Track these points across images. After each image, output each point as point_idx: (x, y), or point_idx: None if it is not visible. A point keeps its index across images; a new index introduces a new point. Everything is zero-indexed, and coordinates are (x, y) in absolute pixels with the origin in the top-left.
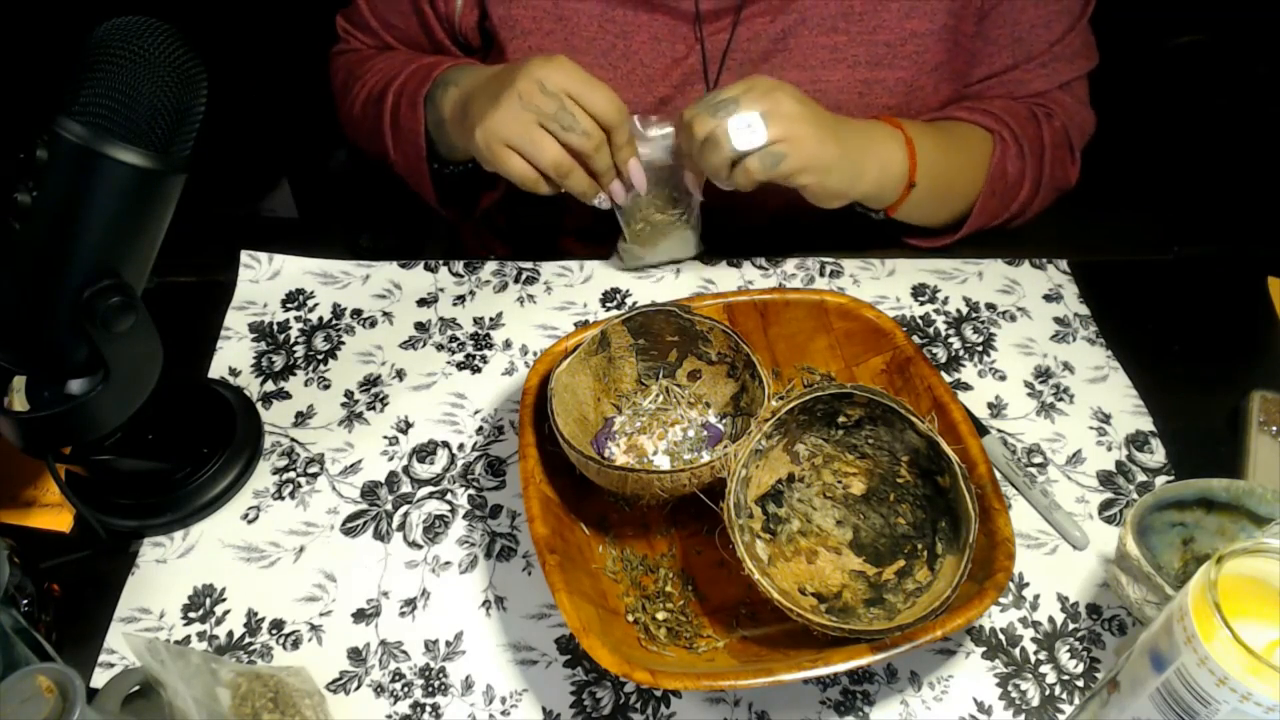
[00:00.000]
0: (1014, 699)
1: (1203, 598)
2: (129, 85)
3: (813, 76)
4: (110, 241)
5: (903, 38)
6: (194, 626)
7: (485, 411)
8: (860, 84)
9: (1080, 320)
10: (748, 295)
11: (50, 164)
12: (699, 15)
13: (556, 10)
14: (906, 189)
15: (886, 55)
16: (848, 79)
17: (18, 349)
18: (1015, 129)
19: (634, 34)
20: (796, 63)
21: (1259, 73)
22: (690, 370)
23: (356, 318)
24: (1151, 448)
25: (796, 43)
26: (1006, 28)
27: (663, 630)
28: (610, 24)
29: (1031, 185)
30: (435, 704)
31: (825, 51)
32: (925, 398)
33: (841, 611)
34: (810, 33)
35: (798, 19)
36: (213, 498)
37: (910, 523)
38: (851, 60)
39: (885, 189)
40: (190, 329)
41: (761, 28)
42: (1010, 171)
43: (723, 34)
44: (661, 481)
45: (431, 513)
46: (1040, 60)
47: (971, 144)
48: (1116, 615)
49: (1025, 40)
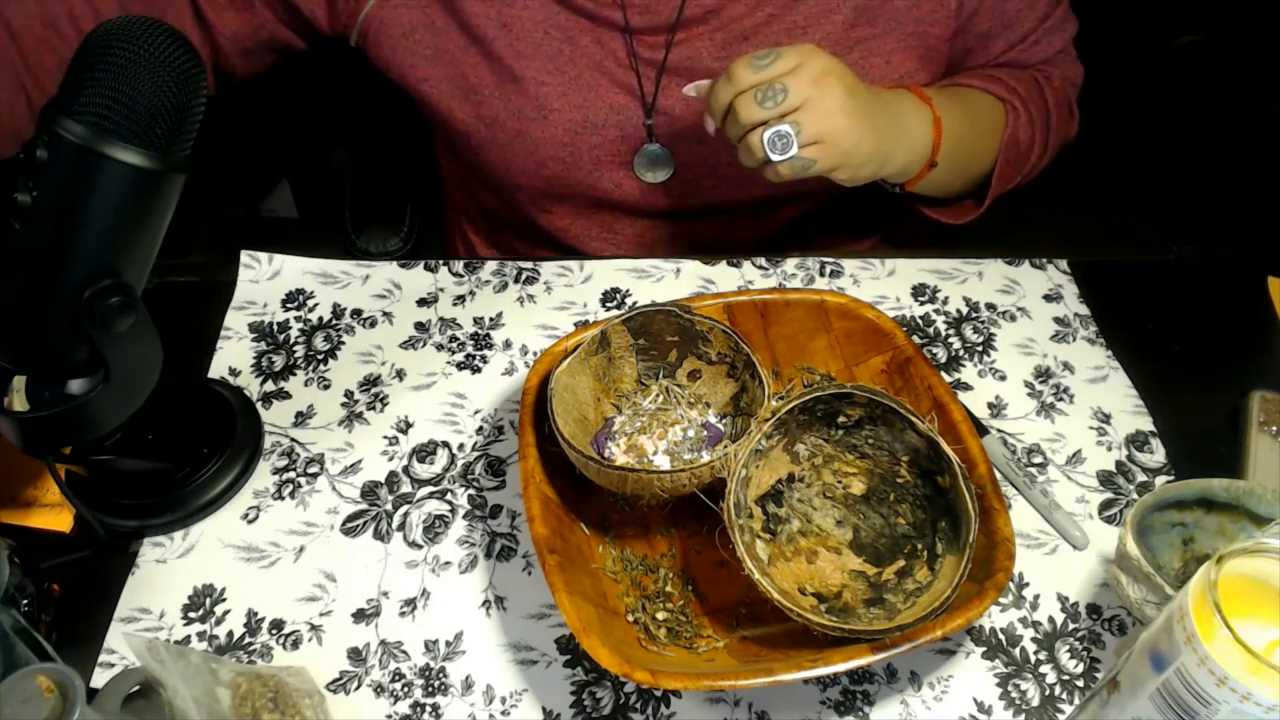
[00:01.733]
0: (1014, 699)
1: (1203, 598)
2: (129, 85)
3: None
4: (110, 241)
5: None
6: (194, 626)
7: (485, 411)
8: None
9: (1080, 320)
10: (748, 295)
11: (50, 164)
12: (629, 28)
13: (500, 16)
14: (928, 167)
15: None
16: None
17: (18, 349)
18: (1024, 95)
19: (578, 38)
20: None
21: (1259, 72)
22: (690, 370)
23: (356, 318)
24: (1151, 448)
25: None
26: (996, 19)
27: (663, 630)
28: (555, 29)
29: (1040, 148)
30: (435, 704)
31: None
32: (925, 398)
33: (841, 611)
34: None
35: (738, 36)
36: (213, 498)
37: (910, 523)
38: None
39: (910, 169)
40: (190, 329)
41: (702, 46)
42: (1022, 140)
43: (658, 50)
44: (661, 481)
45: (431, 513)
46: (1034, 38)
47: (988, 115)
48: (1116, 615)
49: (1016, 24)
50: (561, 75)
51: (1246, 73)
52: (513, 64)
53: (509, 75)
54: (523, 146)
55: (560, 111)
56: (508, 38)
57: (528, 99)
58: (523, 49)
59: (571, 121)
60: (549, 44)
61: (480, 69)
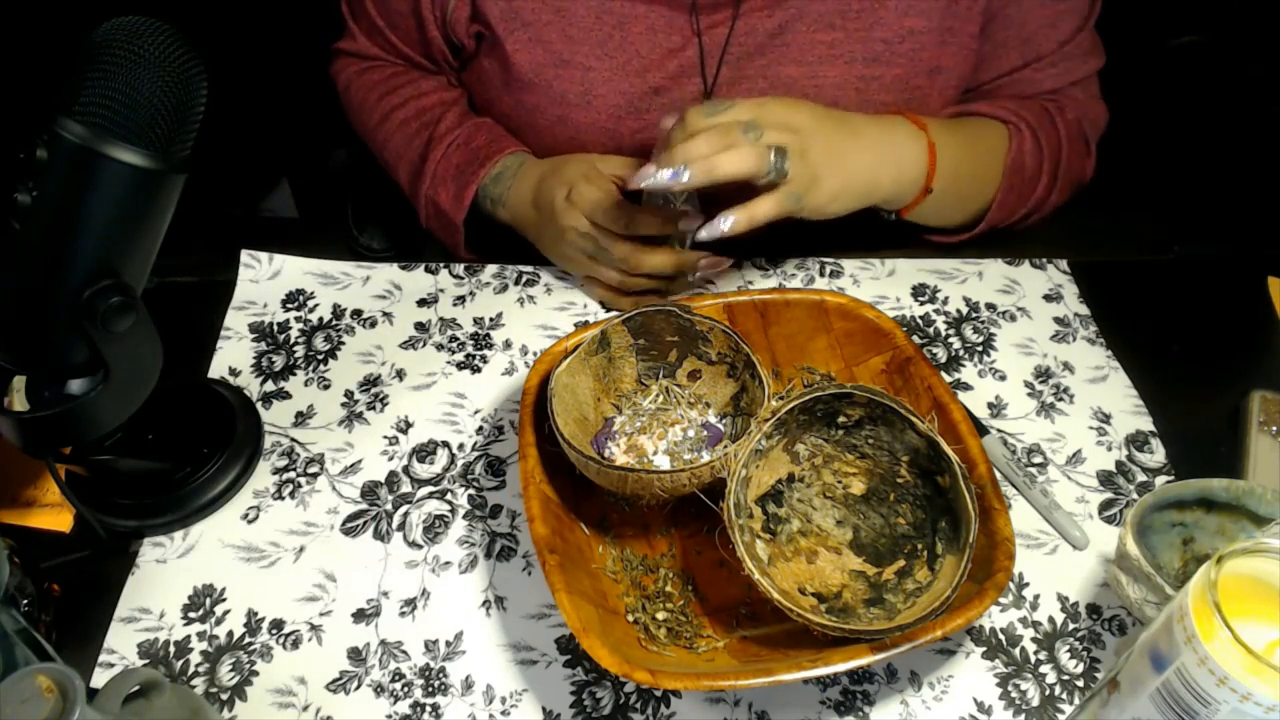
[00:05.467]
0: (1014, 699)
1: (1203, 598)
2: (129, 85)
3: (809, 72)
4: (110, 241)
5: (900, 35)
6: (194, 626)
7: (485, 411)
8: (857, 80)
9: (1080, 320)
10: (748, 295)
11: (50, 164)
12: (695, 7)
13: (555, 2)
14: (923, 193)
15: (884, 52)
16: (844, 75)
17: (18, 349)
18: (1031, 121)
19: (631, 24)
20: (793, 58)
21: (1250, 72)
22: (690, 370)
23: (356, 318)
24: (1151, 448)
25: (793, 38)
26: (1014, 29)
27: (663, 630)
28: (607, 15)
29: (1049, 178)
30: (435, 704)
31: (822, 47)
32: (925, 398)
33: (841, 611)
34: (807, 28)
35: (795, 14)
36: (213, 498)
37: (910, 523)
38: (848, 56)
39: (900, 194)
40: (190, 329)
41: (758, 22)
42: (1028, 165)
43: (720, 27)
44: (661, 481)
45: (431, 513)
46: (1050, 60)
47: (990, 142)
48: (1116, 615)
49: (1034, 40)
50: (610, 60)
51: (1247, 73)
52: (562, 49)
53: (557, 59)
54: (564, 131)
55: (605, 97)
56: (561, 23)
57: (573, 84)
58: (574, 34)
59: (616, 106)
60: (599, 29)
61: (520, 54)
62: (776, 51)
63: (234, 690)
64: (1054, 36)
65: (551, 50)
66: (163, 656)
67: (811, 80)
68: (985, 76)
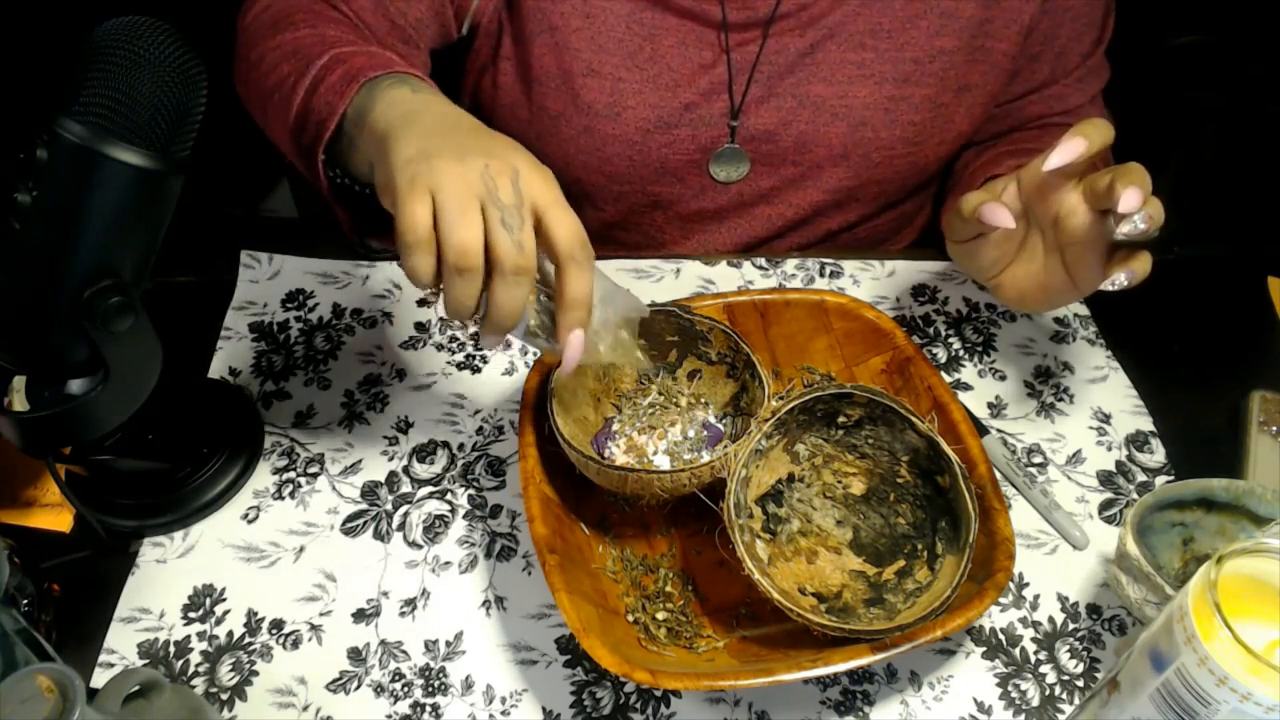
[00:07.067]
0: (1014, 699)
1: (1203, 598)
2: (129, 85)
3: (839, 92)
4: (110, 241)
5: (930, 54)
6: (194, 626)
7: (485, 411)
8: (886, 100)
9: (1080, 320)
10: (748, 295)
11: (50, 164)
12: (725, 24)
13: (585, 7)
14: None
15: (914, 72)
16: (874, 95)
17: (18, 349)
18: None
19: (661, 37)
20: (823, 77)
21: (1250, 72)
22: (690, 370)
23: (356, 318)
24: (1151, 448)
25: (824, 57)
26: (1047, 43)
27: (663, 630)
28: (638, 25)
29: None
30: (435, 704)
31: (852, 67)
32: (925, 398)
33: (841, 611)
34: (838, 48)
35: (826, 34)
36: (213, 498)
37: (910, 523)
38: (879, 77)
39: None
40: (190, 329)
41: (789, 41)
42: None
43: (750, 45)
44: (661, 481)
45: (431, 513)
46: (1076, 75)
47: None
48: (1116, 615)
49: (1064, 54)
50: (641, 73)
51: (1247, 73)
52: (591, 57)
53: (586, 68)
54: (589, 142)
55: (635, 110)
56: (590, 29)
57: (602, 94)
58: (604, 43)
59: (645, 120)
60: (630, 40)
61: (545, 59)
62: (807, 70)
63: (234, 690)
64: (1078, 49)
65: (580, 58)
66: (163, 656)
67: (841, 100)
68: (1015, 91)
